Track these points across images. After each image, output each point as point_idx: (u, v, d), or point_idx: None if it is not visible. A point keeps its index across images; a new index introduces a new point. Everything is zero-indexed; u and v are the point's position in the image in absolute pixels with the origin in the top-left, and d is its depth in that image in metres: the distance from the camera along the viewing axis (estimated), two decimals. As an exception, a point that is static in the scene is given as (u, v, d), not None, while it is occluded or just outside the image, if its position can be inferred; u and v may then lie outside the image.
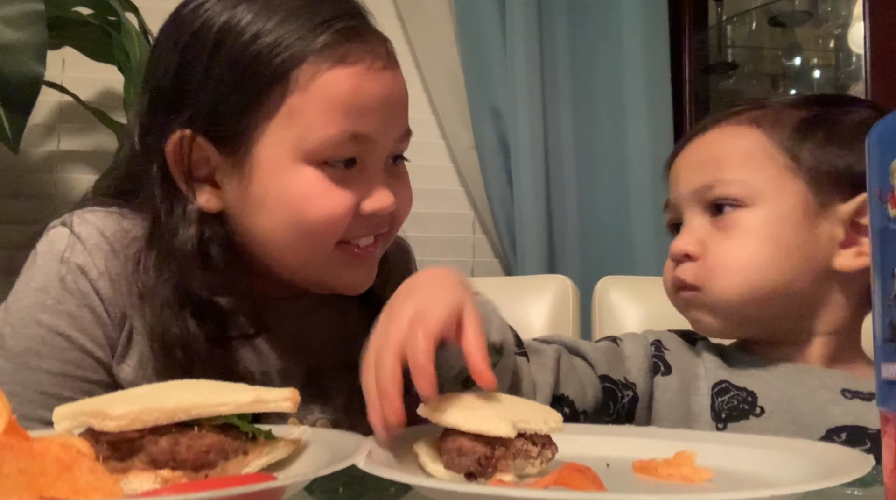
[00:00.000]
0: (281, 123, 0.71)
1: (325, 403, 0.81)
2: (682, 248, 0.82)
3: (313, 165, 0.71)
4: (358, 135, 0.71)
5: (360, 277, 0.79)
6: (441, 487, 0.47)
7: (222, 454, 0.47)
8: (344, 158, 0.72)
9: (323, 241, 0.73)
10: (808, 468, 0.50)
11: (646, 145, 1.94)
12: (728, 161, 0.81)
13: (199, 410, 0.47)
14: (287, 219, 0.72)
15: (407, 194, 0.80)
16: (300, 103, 0.70)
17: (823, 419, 0.74)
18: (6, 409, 0.40)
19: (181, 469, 0.46)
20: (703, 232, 0.82)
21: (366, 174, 0.74)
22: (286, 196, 0.71)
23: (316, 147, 0.71)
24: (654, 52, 1.97)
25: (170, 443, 0.46)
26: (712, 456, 0.55)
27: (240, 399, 0.48)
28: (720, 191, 0.81)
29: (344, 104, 0.70)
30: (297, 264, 0.76)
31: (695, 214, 0.83)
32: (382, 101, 0.73)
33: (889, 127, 0.40)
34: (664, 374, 0.83)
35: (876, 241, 0.41)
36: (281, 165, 0.71)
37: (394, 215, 0.78)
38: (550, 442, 0.54)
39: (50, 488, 0.37)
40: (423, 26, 1.98)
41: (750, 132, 0.82)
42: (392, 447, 0.54)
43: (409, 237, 0.98)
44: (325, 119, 0.70)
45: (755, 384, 0.79)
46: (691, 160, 0.86)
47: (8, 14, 1.29)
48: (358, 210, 0.73)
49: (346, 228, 0.73)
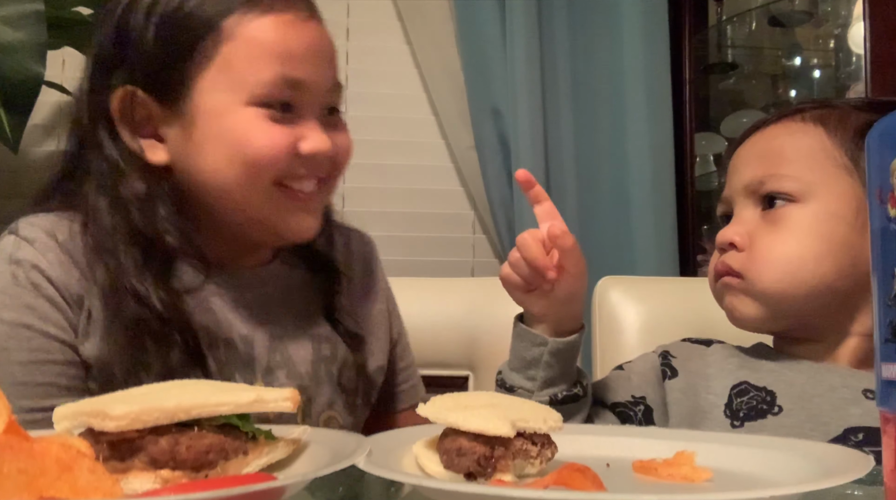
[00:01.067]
0: (217, 71, 0.77)
1: (290, 370, 0.84)
2: (729, 237, 0.83)
3: (252, 107, 0.77)
4: (290, 79, 0.77)
5: (304, 221, 0.82)
6: (441, 487, 0.47)
7: (222, 453, 0.47)
8: (280, 100, 0.77)
9: (262, 177, 0.78)
10: (808, 468, 0.50)
11: (646, 145, 1.94)
12: (785, 156, 0.82)
13: (198, 410, 0.47)
14: (228, 156, 0.77)
15: (345, 141, 0.85)
16: (233, 50, 0.76)
17: (841, 419, 0.74)
18: (6, 409, 0.40)
19: (181, 469, 0.46)
20: (751, 224, 0.82)
21: (302, 119, 0.79)
22: (227, 135, 0.77)
23: (253, 90, 0.76)
24: (654, 52, 1.97)
25: (170, 443, 0.46)
26: (712, 456, 0.55)
27: (239, 399, 0.48)
28: (773, 185, 0.81)
29: (274, 50, 0.77)
30: (239, 205, 0.80)
31: (745, 206, 0.84)
32: (310, 49, 0.79)
33: (889, 127, 0.40)
34: (671, 378, 0.85)
35: (876, 241, 0.41)
36: (221, 110, 0.77)
37: (334, 161, 0.83)
38: (550, 442, 0.54)
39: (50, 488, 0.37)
40: (423, 26, 1.98)
41: (812, 130, 0.82)
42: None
43: (410, 237, 1.01)
44: (258, 64, 0.76)
45: (775, 383, 0.79)
46: (749, 154, 0.86)
47: (8, 14, 1.29)
48: (296, 151, 0.78)
49: (285, 168, 0.78)
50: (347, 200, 1.98)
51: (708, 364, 0.84)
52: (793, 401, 0.77)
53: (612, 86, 1.97)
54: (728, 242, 0.83)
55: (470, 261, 2.02)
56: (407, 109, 2.03)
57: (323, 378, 0.86)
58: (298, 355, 0.84)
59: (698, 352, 0.87)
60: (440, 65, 1.97)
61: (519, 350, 0.84)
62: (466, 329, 1.24)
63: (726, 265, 0.83)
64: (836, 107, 0.84)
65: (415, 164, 2.02)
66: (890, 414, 0.40)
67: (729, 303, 0.84)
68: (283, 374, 0.83)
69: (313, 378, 0.85)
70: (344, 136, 0.85)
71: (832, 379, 0.78)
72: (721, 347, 0.87)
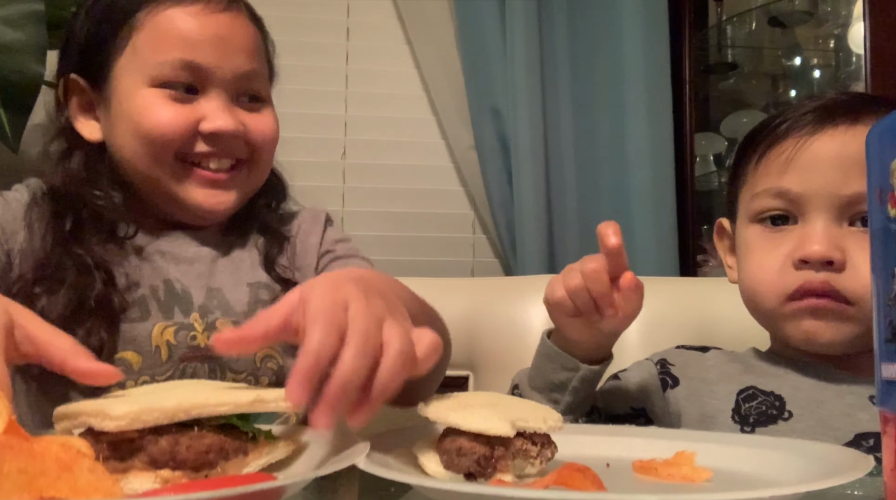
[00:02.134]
0: (129, 57, 0.86)
1: (224, 310, 0.88)
2: (826, 254, 0.73)
3: (153, 88, 0.85)
4: (189, 63, 0.85)
5: (212, 197, 0.88)
6: (440, 486, 0.47)
7: (222, 453, 0.47)
8: (180, 82, 0.85)
9: (161, 152, 0.85)
10: (808, 468, 0.50)
11: (646, 145, 1.94)
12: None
13: (198, 410, 0.47)
14: (131, 132, 0.85)
15: (263, 124, 0.90)
16: (142, 38, 0.86)
17: (852, 424, 0.73)
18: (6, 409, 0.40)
19: (181, 469, 0.46)
20: (843, 241, 0.74)
21: (208, 101, 0.86)
22: (130, 113, 0.85)
23: (153, 72, 0.85)
24: (654, 52, 1.97)
25: (170, 443, 0.46)
26: (712, 456, 0.55)
27: (239, 399, 0.48)
28: None
29: (176, 37, 0.85)
30: (149, 179, 0.87)
31: (830, 217, 0.75)
32: (215, 36, 0.86)
33: (889, 127, 0.41)
34: (672, 387, 0.83)
35: (876, 241, 0.41)
36: (130, 91, 0.85)
37: (252, 144, 0.89)
38: (550, 442, 0.54)
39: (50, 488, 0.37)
40: (423, 26, 1.98)
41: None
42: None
43: (410, 237, 1.01)
44: (160, 49, 0.85)
45: (782, 388, 0.78)
46: (842, 155, 0.75)
47: (8, 14, 1.29)
48: (197, 130, 0.85)
49: (185, 145, 0.85)
50: (347, 200, 1.98)
51: (707, 370, 0.83)
52: (802, 406, 0.75)
53: (612, 86, 1.97)
54: (825, 259, 0.73)
55: (470, 261, 2.02)
56: (407, 109, 2.03)
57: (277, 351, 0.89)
58: (234, 299, 0.88)
59: (695, 358, 0.86)
60: (440, 65, 1.97)
61: (546, 372, 0.81)
62: (466, 329, 1.23)
63: (831, 288, 0.73)
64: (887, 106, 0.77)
65: (415, 164, 2.02)
66: (890, 414, 0.40)
67: (813, 327, 0.76)
68: (218, 313, 0.87)
69: (249, 316, 0.87)
70: (263, 120, 0.90)
71: (837, 385, 0.76)
72: (718, 352, 0.86)
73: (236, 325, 0.82)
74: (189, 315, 0.85)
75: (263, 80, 0.92)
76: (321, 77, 2.00)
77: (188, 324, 0.85)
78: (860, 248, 0.73)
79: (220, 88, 0.87)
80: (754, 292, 0.80)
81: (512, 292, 1.26)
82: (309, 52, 1.98)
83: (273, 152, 0.94)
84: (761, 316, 0.83)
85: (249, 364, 0.86)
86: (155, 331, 0.83)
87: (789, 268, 0.76)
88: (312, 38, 2.00)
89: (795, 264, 0.75)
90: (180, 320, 0.85)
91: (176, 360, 0.83)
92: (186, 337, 0.84)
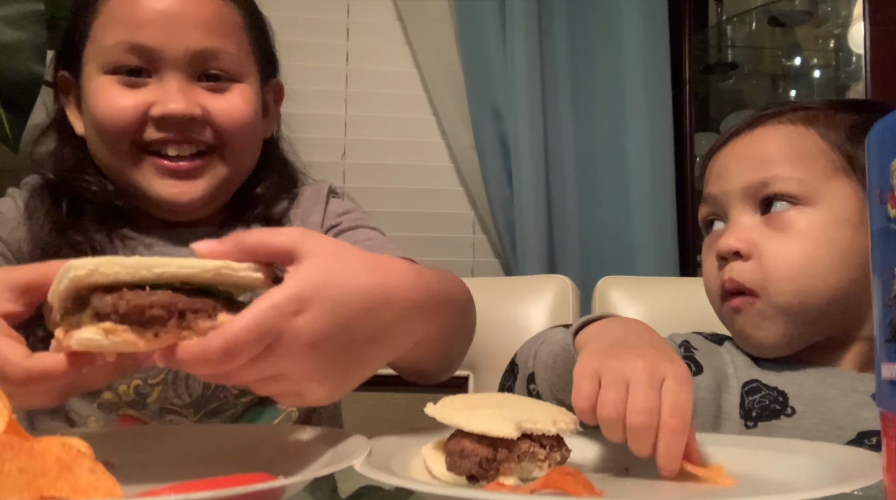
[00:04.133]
0: (91, 46, 0.84)
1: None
2: (732, 245, 0.78)
3: (106, 74, 0.82)
4: (135, 45, 0.81)
5: (173, 188, 0.84)
6: (425, 490, 0.46)
7: (171, 311, 0.47)
8: (128, 66, 0.82)
9: (113, 139, 0.82)
10: (825, 471, 0.49)
11: (646, 145, 1.93)
12: (784, 158, 0.78)
13: (161, 268, 0.47)
14: (90, 121, 0.84)
15: (226, 107, 0.85)
16: (98, 26, 0.84)
17: (855, 422, 0.72)
18: (6, 408, 0.40)
19: (125, 323, 0.46)
20: (752, 231, 0.79)
21: (161, 85, 0.82)
22: (89, 102, 0.84)
23: (103, 57, 0.83)
24: (654, 52, 1.97)
25: (114, 298, 0.46)
26: (739, 462, 0.54)
27: (205, 264, 0.48)
28: (777, 187, 0.78)
29: (122, 18, 0.82)
30: (112, 171, 0.85)
31: (743, 210, 0.80)
32: (161, 15, 0.82)
33: (889, 127, 0.40)
34: (696, 373, 0.80)
35: (876, 241, 0.41)
36: (89, 80, 0.84)
37: (216, 128, 0.84)
38: (561, 444, 0.53)
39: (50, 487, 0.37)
40: (423, 26, 1.98)
41: (805, 131, 0.80)
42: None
43: (410, 237, 0.99)
44: (108, 33, 0.82)
45: (786, 384, 0.77)
46: (742, 156, 0.82)
47: (8, 14, 1.29)
48: (149, 115, 0.81)
49: (137, 132, 0.82)
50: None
51: (725, 363, 0.82)
52: (805, 403, 0.75)
53: (612, 86, 1.97)
54: (732, 251, 0.78)
55: (470, 261, 2.02)
56: (407, 109, 2.03)
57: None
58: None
59: (713, 349, 0.85)
60: (440, 65, 1.97)
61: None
62: (466, 329, 1.23)
63: (736, 283, 0.78)
64: (817, 108, 0.82)
65: (415, 164, 2.02)
66: (890, 414, 0.40)
67: (743, 329, 0.80)
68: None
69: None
70: (226, 103, 0.85)
71: (841, 383, 0.76)
72: (731, 345, 0.86)
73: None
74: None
75: (232, 59, 0.85)
76: (321, 77, 2.00)
77: None
78: (764, 235, 0.78)
79: (174, 69, 0.82)
80: (707, 294, 0.86)
81: (512, 292, 1.26)
82: (309, 52, 1.98)
83: (249, 137, 0.87)
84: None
85: None
86: None
87: (713, 266, 0.82)
88: (312, 38, 2.00)
89: (719, 262, 0.81)
90: None
91: None
92: None
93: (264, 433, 0.64)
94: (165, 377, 0.81)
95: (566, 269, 1.84)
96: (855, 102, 0.92)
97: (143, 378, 0.81)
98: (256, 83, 0.90)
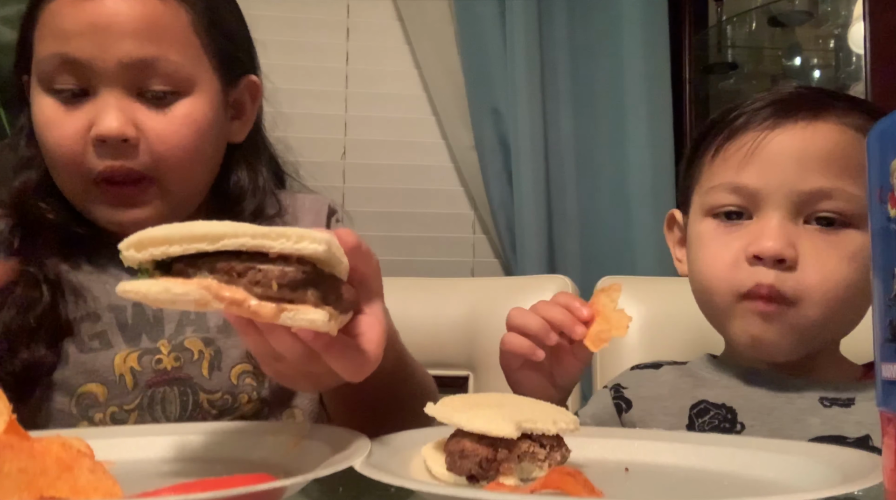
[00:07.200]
0: (34, 58, 0.78)
1: (199, 325, 0.82)
2: (780, 251, 0.71)
3: (46, 94, 0.77)
4: (66, 58, 0.75)
5: (118, 216, 0.78)
6: (425, 490, 0.46)
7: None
8: (65, 85, 0.76)
9: (64, 166, 0.77)
10: (825, 473, 0.49)
11: (646, 146, 1.93)
12: (850, 170, 0.71)
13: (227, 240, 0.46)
14: (41, 145, 0.79)
15: (163, 130, 0.77)
16: (36, 37, 0.78)
17: (803, 430, 0.71)
18: (6, 409, 0.40)
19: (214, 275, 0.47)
20: (798, 238, 0.72)
21: (96, 103, 0.76)
22: (35, 124, 0.79)
23: (39, 74, 0.77)
24: (654, 53, 1.97)
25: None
26: (735, 461, 0.54)
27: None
28: (838, 205, 0.71)
29: (52, 30, 0.75)
30: (66, 192, 0.80)
31: (786, 214, 0.73)
32: (91, 25, 0.74)
33: (889, 127, 0.40)
34: (626, 411, 0.81)
35: (876, 241, 0.41)
36: (34, 96, 0.78)
37: (154, 153, 0.77)
38: (561, 444, 0.53)
39: (50, 487, 0.37)
40: (423, 26, 1.98)
41: (859, 143, 0.72)
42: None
43: (410, 237, 0.98)
44: (41, 45, 0.76)
45: (733, 399, 0.76)
46: (803, 152, 0.73)
47: (8, 14, 1.29)
48: (89, 136, 0.75)
49: (82, 158, 0.76)
50: (347, 200, 1.98)
51: (660, 385, 0.81)
52: (753, 416, 0.74)
53: (612, 86, 1.97)
54: (778, 257, 0.71)
55: (470, 261, 2.02)
56: (407, 109, 2.03)
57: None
58: (210, 313, 0.82)
59: (648, 376, 0.84)
60: (440, 65, 1.97)
61: None
62: (466, 329, 1.23)
63: (776, 291, 0.72)
64: (859, 109, 0.75)
65: (415, 164, 2.02)
66: (890, 414, 0.40)
67: (764, 334, 0.74)
68: (191, 329, 0.81)
69: (223, 330, 0.82)
70: (165, 120, 0.77)
71: (789, 388, 0.75)
72: (671, 368, 0.85)
73: (206, 341, 0.81)
74: (157, 341, 0.80)
75: (174, 68, 0.77)
76: (321, 77, 2.00)
77: (154, 348, 0.79)
78: (813, 247, 0.72)
79: (109, 84, 0.75)
80: (706, 286, 0.78)
81: (512, 292, 1.25)
82: (309, 52, 1.98)
83: (190, 160, 0.79)
84: (711, 312, 0.81)
85: (225, 383, 0.80)
86: (117, 360, 0.78)
87: (742, 263, 0.74)
88: (312, 38, 2.00)
89: (749, 260, 0.73)
90: (146, 345, 0.79)
91: (143, 386, 0.78)
92: (151, 362, 0.79)
93: (264, 433, 0.64)
94: (141, 402, 0.79)
95: (566, 269, 1.84)
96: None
97: (119, 405, 0.78)
98: (214, 88, 0.82)
